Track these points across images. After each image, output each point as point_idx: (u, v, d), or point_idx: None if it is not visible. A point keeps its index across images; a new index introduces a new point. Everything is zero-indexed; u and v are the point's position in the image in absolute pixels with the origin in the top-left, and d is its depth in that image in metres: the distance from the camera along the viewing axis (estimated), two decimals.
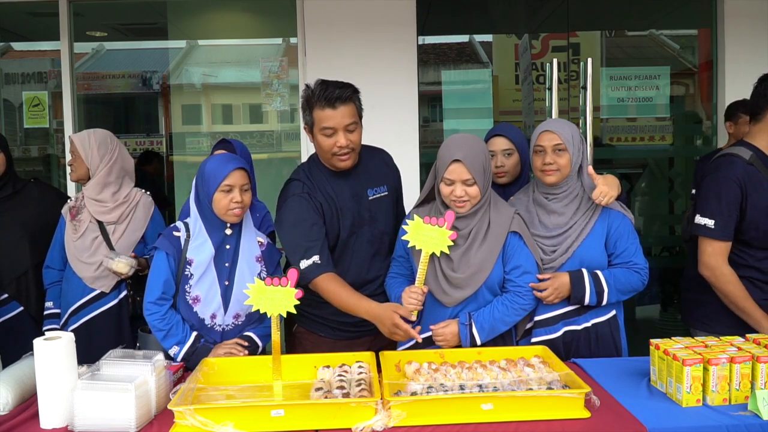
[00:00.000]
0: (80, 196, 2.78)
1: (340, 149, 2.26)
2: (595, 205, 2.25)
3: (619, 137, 4.94)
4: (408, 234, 2.17)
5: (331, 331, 2.44)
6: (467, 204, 2.17)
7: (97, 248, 2.68)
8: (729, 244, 2.39)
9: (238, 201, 2.21)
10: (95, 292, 2.69)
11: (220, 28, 4.73)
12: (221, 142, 2.85)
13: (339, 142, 2.24)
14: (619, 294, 2.23)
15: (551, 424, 1.69)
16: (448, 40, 5.11)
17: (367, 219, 2.40)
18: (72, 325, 2.67)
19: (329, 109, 2.22)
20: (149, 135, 6.37)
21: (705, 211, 2.40)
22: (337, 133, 2.25)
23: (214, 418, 1.66)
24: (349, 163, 2.31)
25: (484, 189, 2.18)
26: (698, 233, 2.42)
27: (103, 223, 2.71)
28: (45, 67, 5.32)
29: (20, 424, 1.76)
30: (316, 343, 2.45)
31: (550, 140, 2.23)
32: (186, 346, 2.22)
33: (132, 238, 2.74)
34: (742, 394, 1.79)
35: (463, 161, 2.12)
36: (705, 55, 4.44)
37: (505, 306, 2.17)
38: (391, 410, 1.69)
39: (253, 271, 2.30)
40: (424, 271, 2.17)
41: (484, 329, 2.16)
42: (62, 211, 2.77)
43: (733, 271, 2.38)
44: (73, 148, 2.75)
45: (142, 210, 2.79)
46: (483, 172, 2.16)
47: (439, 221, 2.14)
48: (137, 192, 2.82)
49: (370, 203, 2.41)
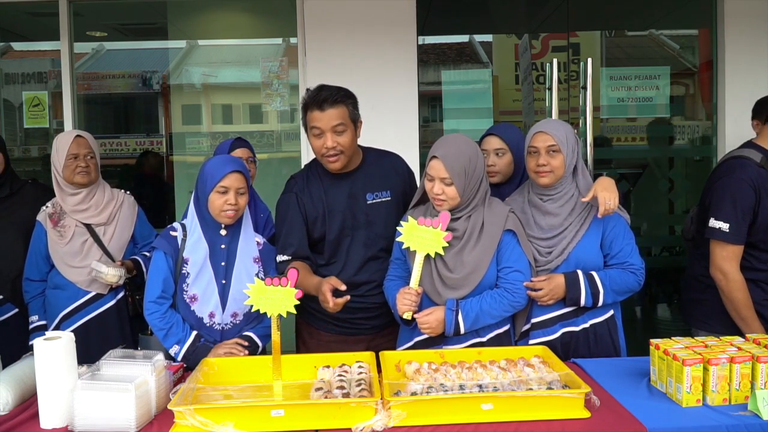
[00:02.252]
0: (56, 201, 2.73)
1: (327, 150, 2.30)
2: (590, 205, 2.25)
3: (619, 137, 4.94)
4: (402, 235, 2.17)
5: (326, 325, 2.47)
6: (444, 204, 2.16)
7: (89, 251, 2.67)
8: (742, 248, 2.39)
9: (232, 203, 2.23)
10: (90, 294, 2.67)
11: (220, 28, 4.73)
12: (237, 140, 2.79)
13: (326, 143, 2.29)
14: (615, 295, 2.23)
15: (551, 424, 1.69)
16: (448, 40, 5.11)
17: (363, 222, 2.41)
18: (66, 329, 2.63)
19: (317, 110, 2.28)
20: (149, 135, 6.36)
21: (719, 214, 2.39)
22: (324, 135, 2.30)
23: (214, 418, 1.66)
24: (338, 165, 2.34)
25: (465, 192, 2.16)
26: (712, 237, 2.40)
27: (91, 226, 2.69)
28: (45, 67, 5.32)
29: (20, 424, 1.76)
30: (314, 336, 2.49)
31: (544, 141, 2.22)
32: (186, 345, 2.23)
33: (123, 239, 2.74)
34: (742, 394, 1.79)
35: (441, 159, 2.13)
36: (705, 55, 4.43)
37: (494, 299, 2.16)
38: (391, 410, 1.69)
39: (250, 271, 2.31)
40: (419, 273, 2.17)
41: (470, 318, 2.14)
42: (38, 219, 2.70)
43: (744, 278, 2.38)
44: (89, 147, 2.71)
45: (127, 209, 2.79)
46: (464, 174, 2.13)
47: (434, 222, 2.14)
48: (118, 191, 2.82)
49: (368, 207, 2.42)
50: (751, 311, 2.37)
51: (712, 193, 2.47)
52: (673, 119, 4.76)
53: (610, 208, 2.15)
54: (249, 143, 2.84)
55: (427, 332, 2.17)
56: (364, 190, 2.42)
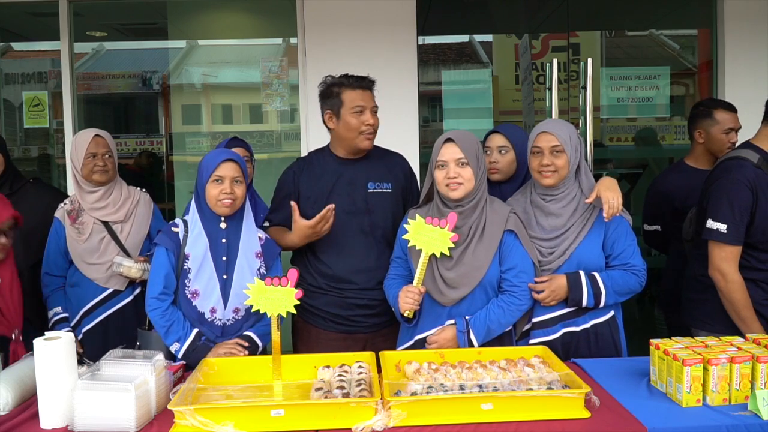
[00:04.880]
0: (74, 198, 2.76)
1: (368, 127, 2.45)
2: (593, 206, 2.25)
3: (619, 137, 4.94)
4: (409, 233, 2.16)
5: (325, 323, 2.51)
6: (461, 188, 2.16)
7: (106, 248, 2.68)
8: (740, 249, 2.39)
9: (228, 192, 2.23)
10: (108, 291, 2.69)
11: (220, 28, 4.73)
12: (233, 140, 2.83)
13: (368, 120, 2.44)
14: (617, 296, 2.23)
15: (551, 424, 1.69)
16: (448, 40, 5.10)
17: (363, 209, 2.48)
18: (86, 326, 2.67)
19: (360, 89, 2.46)
20: (149, 135, 6.35)
21: (717, 215, 2.39)
22: (366, 112, 2.45)
23: (214, 418, 1.66)
24: (369, 144, 2.49)
25: (478, 176, 2.17)
26: (710, 238, 2.41)
27: (108, 223, 2.71)
28: (45, 67, 5.31)
29: (20, 424, 1.76)
30: (312, 335, 2.53)
31: (548, 141, 2.22)
32: (186, 343, 2.24)
33: (139, 235, 2.76)
34: (742, 394, 1.79)
35: (455, 141, 2.16)
36: (705, 55, 4.43)
37: (501, 308, 2.17)
38: (391, 410, 1.69)
39: (252, 266, 2.31)
40: (423, 272, 2.17)
41: (481, 334, 2.16)
42: (57, 215, 2.73)
43: (743, 279, 2.38)
44: (107, 147, 2.73)
45: (143, 206, 2.81)
46: (476, 157, 2.17)
47: (441, 222, 2.14)
48: (134, 189, 2.84)
49: (369, 195, 2.50)
50: (751, 311, 2.37)
51: (709, 195, 2.47)
52: (673, 119, 4.76)
53: (614, 209, 2.15)
54: (246, 143, 2.85)
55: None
56: (366, 178, 2.51)
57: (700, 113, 3.13)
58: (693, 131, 3.16)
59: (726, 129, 3.06)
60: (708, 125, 3.08)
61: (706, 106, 3.14)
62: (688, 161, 3.21)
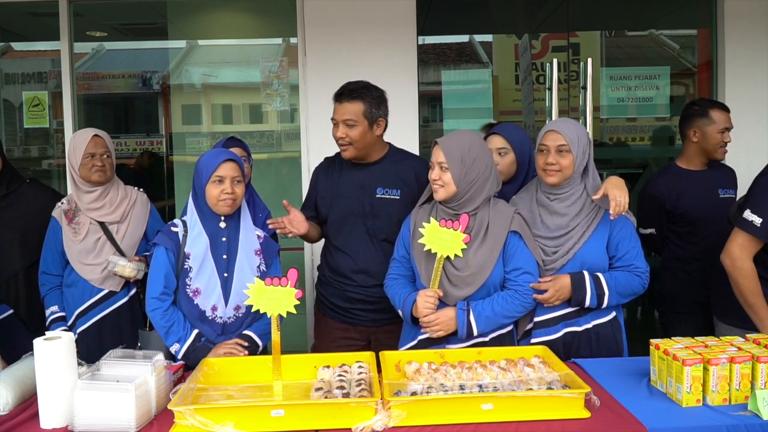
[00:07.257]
0: (71, 198, 2.75)
1: (339, 140, 2.52)
2: (597, 207, 2.24)
3: (619, 137, 4.94)
4: (424, 238, 2.17)
5: (331, 312, 2.64)
6: (440, 190, 2.18)
7: (102, 248, 2.68)
8: (761, 246, 2.38)
9: (229, 192, 2.24)
10: (104, 292, 2.68)
11: (220, 28, 4.73)
12: (230, 140, 2.83)
13: (337, 133, 2.51)
14: (620, 297, 2.23)
15: (551, 424, 1.69)
16: (448, 40, 5.10)
17: (369, 212, 2.54)
18: (80, 326, 2.67)
19: (336, 102, 2.52)
20: (149, 135, 6.36)
21: (756, 207, 2.37)
22: (337, 125, 2.51)
23: (214, 418, 1.66)
24: (347, 154, 2.54)
25: (461, 181, 2.15)
26: (740, 226, 2.38)
27: (104, 224, 2.71)
28: (45, 67, 5.31)
29: (20, 424, 1.76)
30: (321, 322, 2.71)
31: (554, 140, 2.22)
32: (186, 344, 2.24)
33: (135, 236, 2.75)
34: (742, 394, 1.79)
35: (440, 144, 2.18)
36: (705, 55, 4.43)
37: (505, 300, 2.17)
38: (391, 410, 1.69)
39: (252, 264, 2.32)
40: (438, 274, 2.17)
41: (482, 318, 2.15)
42: (54, 215, 2.72)
43: (755, 268, 2.36)
44: (105, 147, 2.72)
45: (140, 207, 2.80)
46: (460, 160, 2.15)
47: (454, 224, 2.15)
48: (131, 189, 2.83)
49: (376, 200, 2.55)
50: (760, 299, 2.34)
51: (755, 185, 2.47)
52: (673, 119, 4.76)
53: (621, 207, 2.14)
54: (243, 142, 2.85)
55: (438, 334, 2.17)
56: (376, 184, 2.56)
57: (695, 112, 3.12)
58: (687, 130, 3.13)
59: (722, 128, 3.06)
60: (704, 124, 3.07)
61: (701, 106, 3.13)
62: (679, 163, 3.19)
